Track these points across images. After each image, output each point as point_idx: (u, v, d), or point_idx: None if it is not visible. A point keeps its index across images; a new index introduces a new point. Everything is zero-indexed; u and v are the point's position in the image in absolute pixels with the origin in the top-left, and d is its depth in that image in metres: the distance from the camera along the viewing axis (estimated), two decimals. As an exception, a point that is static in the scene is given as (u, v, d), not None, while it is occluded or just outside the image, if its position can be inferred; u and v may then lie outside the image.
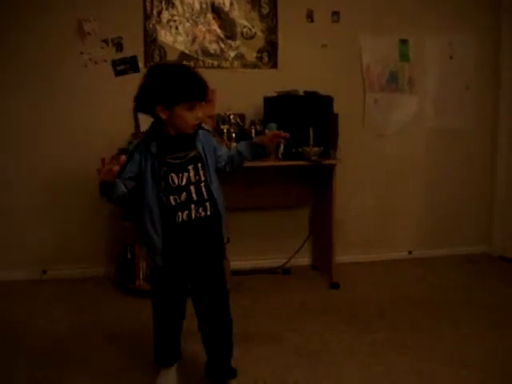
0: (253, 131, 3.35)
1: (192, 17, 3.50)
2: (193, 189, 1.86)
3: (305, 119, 3.16)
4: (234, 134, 3.30)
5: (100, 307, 2.98)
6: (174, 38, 3.49)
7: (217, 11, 3.53)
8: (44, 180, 3.43)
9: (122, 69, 3.43)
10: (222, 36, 3.56)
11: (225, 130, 3.30)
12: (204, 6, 3.51)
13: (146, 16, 3.44)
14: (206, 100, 1.86)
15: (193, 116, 1.82)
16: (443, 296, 3.16)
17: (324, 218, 3.43)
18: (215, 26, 3.54)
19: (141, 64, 3.44)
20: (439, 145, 3.94)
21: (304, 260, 3.77)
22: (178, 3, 3.47)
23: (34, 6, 3.29)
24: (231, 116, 3.36)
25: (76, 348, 2.46)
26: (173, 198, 1.84)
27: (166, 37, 3.48)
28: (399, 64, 3.79)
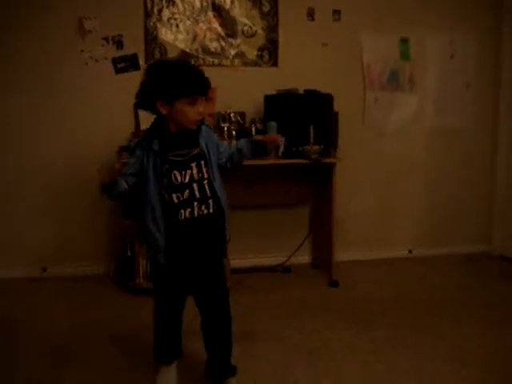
0: (253, 129, 3.35)
1: (193, 15, 3.50)
2: (196, 186, 1.85)
3: (305, 117, 3.16)
4: (234, 132, 3.29)
5: (100, 305, 2.97)
6: (174, 35, 3.48)
7: (217, 9, 3.52)
8: (44, 180, 3.43)
9: (122, 66, 3.43)
10: (223, 34, 3.55)
11: (225, 128, 3.30)
12: (205, 3, 3.50)
13: (147, 14, 3.43)
14: (206, 95, 1.84)
15: (194, 111, 1.80)
16: (444, 295, 3.16)
17: (324, 217, 3.43)
18: (216, 24, 3.54)
19: (141, 62, 3.43)
20: (439, 144, 3.94)
21: (304, 258, 3.77)
22: (178, 1, 3.46)
23: (34, 5, 3.28)
24: (232, 114, 3.36)
25: (76, 346, 2.45)
26: (175, 195, 1.83)
27: (166, 35, 3.47)
28: (400, 63, 3.79)
